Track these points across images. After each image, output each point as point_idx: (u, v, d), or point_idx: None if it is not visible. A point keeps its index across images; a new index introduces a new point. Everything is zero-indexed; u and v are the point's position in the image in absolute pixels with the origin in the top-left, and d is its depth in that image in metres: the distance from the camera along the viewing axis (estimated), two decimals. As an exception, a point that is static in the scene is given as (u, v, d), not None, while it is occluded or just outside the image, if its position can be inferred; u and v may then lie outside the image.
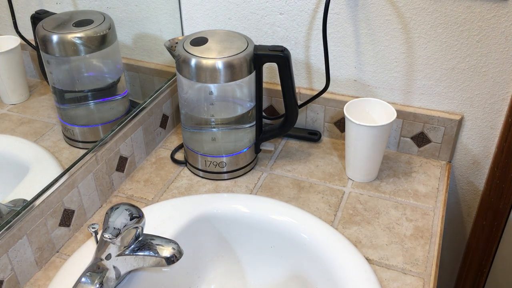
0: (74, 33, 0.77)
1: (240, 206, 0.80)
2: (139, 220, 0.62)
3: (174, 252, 0.63)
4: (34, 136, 0.79)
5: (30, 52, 0.80)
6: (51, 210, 0.71)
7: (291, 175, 0.88)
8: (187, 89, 0.83)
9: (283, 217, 0.78)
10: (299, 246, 0.75)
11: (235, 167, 0.87)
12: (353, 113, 0.82)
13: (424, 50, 0.84)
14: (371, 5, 0.83)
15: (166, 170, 0.90)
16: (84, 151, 0.79)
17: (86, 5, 0.86)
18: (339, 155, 0.93)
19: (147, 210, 0.78)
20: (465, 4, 0.78)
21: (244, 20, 0.93)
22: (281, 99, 0.87)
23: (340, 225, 0.78)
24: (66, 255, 0.74)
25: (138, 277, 0.69)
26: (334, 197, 0.83)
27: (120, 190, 0.86)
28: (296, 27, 0.90)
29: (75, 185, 0.75)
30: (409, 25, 0.83)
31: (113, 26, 0.82)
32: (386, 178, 0.88)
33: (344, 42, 0.88)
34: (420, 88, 0.88)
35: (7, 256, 0.65)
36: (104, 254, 0.62)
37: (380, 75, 0.89)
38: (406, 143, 0.93)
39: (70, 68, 0.81)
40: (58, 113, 0.82)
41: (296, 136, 0.97)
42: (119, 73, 0.88)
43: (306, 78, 0.95)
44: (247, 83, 0.83)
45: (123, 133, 0.85)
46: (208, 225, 0.78)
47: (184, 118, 0.87)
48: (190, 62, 0.78)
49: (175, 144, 0.97)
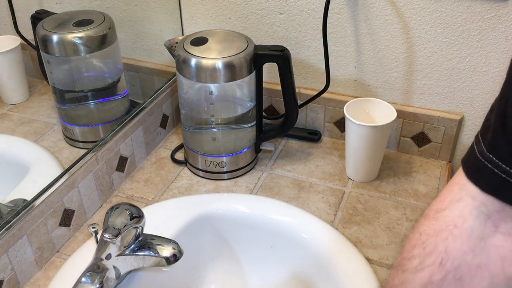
0: (74, 33, 0.77)
1: (240, 206, 0.80)
2: (139, 220, 0.62)
3: (174, 252, 0.63)
4: (34, 136, 0.79)
5: (30, 52, 0.80)
6: (51, 210, 0.71)
7: (291, 175, 0.88)
8: (187, 89, 0.83)
9: (283, 217, 0.78)
10: (299, 246, 0.75)
11: (235, 167, 0.87)
12: (353, 113, 0.82)
13: (424, 50, 0.84)
14: (371, 5, 0.83)
15: (166, 170, 0.90)
16: (84, 151, 0.79)
17: (86, 5, 0.86)
18: (339, 155, 0.93)
19: (147, 210, 0.78)
20: (465, 4, 0.78)
21: (244, 20, 0.93)
22: (281, 99, 0.87)
23: (340, 225, 0.78)
24: (66, 255, 0.74)
25: (138, 277, 0.69)
26: (334, 197, 0.83)
27: (120, 190, 0.86)
28: (296, 27, 0.90)
29: (75, 185, 0.75)
30: (409, 25, 0.83)
31: (113, 26, 0.82)
32: (386, 178, 0.88)
33: (344, 42, 0.88)
34: (420, 88, 0.88)
35: (7, 256, 0.65)
36: (104, 254, 0.62)
37: (380, 75, 0.89)
38: (406, 143, 0.93)
39: (70, 68, 0.81)
40: (58, 113, 0.82)
41: (296, 136, 0.97)
42: (119, 73, 0.88)
43: (306, 78, 0.95)
44: (247, 83, 0.83)
45: (123, 133, 0.85)
46: (208, 225, 0.78)
47: (184, 118, 0.87)
48: (190, 62, 0.78)
49: (175, 144, 0.97)
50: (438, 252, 0.43)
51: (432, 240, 0.44)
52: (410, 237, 0.48)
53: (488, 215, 0.41)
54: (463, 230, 0.42)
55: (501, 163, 0.38)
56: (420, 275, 0.44)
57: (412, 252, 0.46)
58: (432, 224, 0.45)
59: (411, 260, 0.45)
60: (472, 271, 0.42)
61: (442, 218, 0.44)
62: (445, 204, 0.45)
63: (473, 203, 0.42)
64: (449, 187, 0.46)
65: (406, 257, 0.46)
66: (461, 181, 0.43)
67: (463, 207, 0.43)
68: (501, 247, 0.41)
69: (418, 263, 0.45)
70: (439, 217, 0.45)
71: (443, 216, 0.44)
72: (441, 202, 0.46)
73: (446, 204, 0.45)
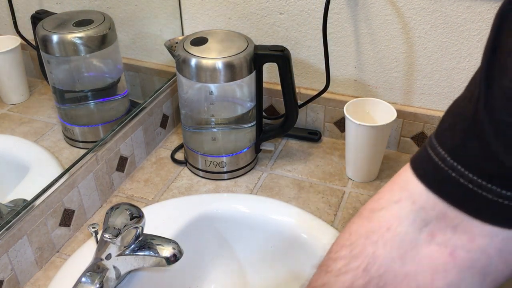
0: (74, 33, 0.77)
1: (240, 206, 0.80)
2: (139, 220, 0.62)
3: (174, 252, 0.63)
4: (34, 136, 0.79)
5: (30, 52, 0.80)
6: (51, 210, 0.71)
7: (291, 175, 0.88)
8: (187, 89, 0.83)
9: (283, 217, 0.78)
10: (299, 246, 0.75)
11: (235, 167, 0.87)
12: (353, 113, 0.82)
13: (424, 50, 0.84)
14: (371, 5, 0.83)
15: (166, 170, 0.90)
16: (84, 151, 0.79)
17: (86, 5, 0.86)
18: (339, 155, 0.93)
19: (147, 210, 0.78)
20: (465, 4, 0.78)
21: (244, 20, 0.93)
22: (281, 99, 0.86)
23: (341, 225, 0.78)
24: (66, 255, 0.74)
25: (138, 277, 0.69)
26: (334, 197, 0.83)
27: (120, 190, 0.86)
28: (296, 27, 0.90)
29: (75, 185, 0.75)
30: (409, 25, 0.83)
31: (113, 26, 0.82)
32: (386, 178, 0.88)
33: (344, 42, 0.88)
34: (420, 88, 0.88)
35: (7, 256, 0.65)
36: (104, 254, 0.62)
37: (380, 75, 0.89)
38: (406, 143, 0.93)
39: (70, 68, 0.81)
40: (58, 113, 0.82)
41: (296, 136, 0.97)
42: (119, 73, 0.88)
43: (306, 78, 0.95)
44: (247, 83, 0.83)
45: (123, 133, 0.85)
46: (208, 225, 0.78)
47: (184, 118, 0.87)
48: (190, 62, 0.78)
49: (175, 144, 0.97)
50: (364, 256, 0.41)
51: (361, 242, 0.41)
52: (340, 235, 0.45)
53: (426, 221, 0.38)
54: (395, 234, 0.40)
55: (468, 173, 0.35)
56: (342, 279, 0.41)
57: (339, 252, 0.43)
58: (364, 224, 0.42)
59: (337, 261, 0.43)
60: (397, 280, 0.39)
61: (376, 219, 0.41)
62: (381, 203, 0.42)
63: (411, 206, 0.39)
64: (389, 186, 0.42)
65: (332, 257, 0.44)
66: (405, 181, 0.40)
67: (400, 210, 0.40)
68: (434, 259, 0.38)
69: (342, 265, 0.42)
70: (373, 218, 0.42)
71: (377, 216, 0.41)
72: (377, 201, 0.43)
73: (383, 204, 0.42)
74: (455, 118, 0.37)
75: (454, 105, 0.39)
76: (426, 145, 0.39)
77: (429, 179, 0.38)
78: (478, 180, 0.35)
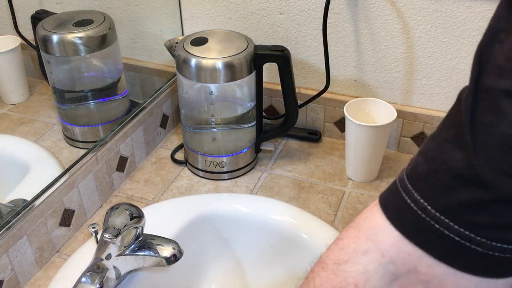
0: (74, 33, 0.77)
1: (240, 206, 0.80)
2: (139, 220, 0.62)
3: (174, 252, 0.63)
4: (34, 136, 0.79)
5: (30, 52, 0.80)
6: (51, 210, 0.71)
7: (291, 175, 0.88)
8: (187, 89, 0.83)
9: (283, 217, 0.78)
10: (299, 246, 0.75)
11: (235, 167, 0.87)
12: (353, 113, 0.82)
13: (424, 50, 0.84)
14: (371, 5, 0.83)
15: (166, 170, 0.90)
16: (84, 151, 0.79)
17: (86, 5, 0.86)
18: (339, 155, 0.93)
19: (147, 210, 0.78)
20: (465, 4, 0.78)
21: (244, 20, 0.93)
22: (281, 99, 0.87)
23: (341, 225, 0.78)
24: (66, 255, 0.74)
25: (138, 277, 0.69)
26: (334, 197, 0.83)
27: (120, 190, 0.86)
28: (296, 27, 0.90)
29: (75, 185, 0.75)
30: (409, 25, 0.83)
31: (113, 26, 0.82)
32: (386, 178, 0.88)
33: (344, 42, 0.88)
34: (420, 88, 0.88)
35: (7, 256, 0.65)
36: (104, 254, 0.62)
37: (380, 75, 0.89)
38: (406, 143, 0.93)
39: (70, 68, 0.81)
40: (58, 113, 0.82)
41: (296, 136, 0.97)
42: (119, 73, 0.88)
43: (306, 78, 0.95)
44: (247, 83, 0.83)
45: (123, 133, 0.85)
46: (208, 225, 0.78)
47: (184, 118, 0.87)
48: (190, 62, 0.78)
49: (175, 144, 0.97)
50: None
51: None
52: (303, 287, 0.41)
53: (396, 276, 0.35)
54: None
55: (455, 225, 0.32)
56: None
57: None
58: (330, 278, 0.39)
59: None
60: None
61: (342, 274, 0.38)
62: (347, 254, 0.38)
63: (380, 259, 0.36)
64: (354, 232, 0.38)
65: None
66: (373, 229, 0.36)
67: (368, 263, 0.36)
68: None
69: None
70: (339, 272, 0.38)
71: (343, 271, 0.38)
72: (342, 251, 0.39)
73: (349, 254, 0.38)
74: (435, 164, 0.34)
75: (428, 148, 0.35)
76: (399, 188, 0.35)
77: (425, 245, 0.34)
78: (465, 232, 0.32)
